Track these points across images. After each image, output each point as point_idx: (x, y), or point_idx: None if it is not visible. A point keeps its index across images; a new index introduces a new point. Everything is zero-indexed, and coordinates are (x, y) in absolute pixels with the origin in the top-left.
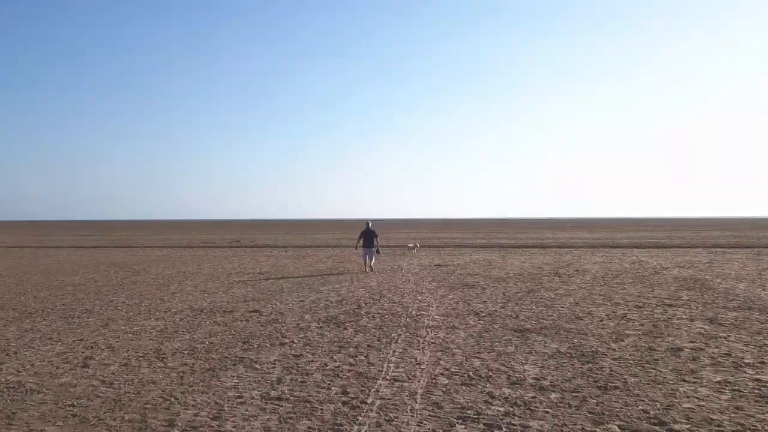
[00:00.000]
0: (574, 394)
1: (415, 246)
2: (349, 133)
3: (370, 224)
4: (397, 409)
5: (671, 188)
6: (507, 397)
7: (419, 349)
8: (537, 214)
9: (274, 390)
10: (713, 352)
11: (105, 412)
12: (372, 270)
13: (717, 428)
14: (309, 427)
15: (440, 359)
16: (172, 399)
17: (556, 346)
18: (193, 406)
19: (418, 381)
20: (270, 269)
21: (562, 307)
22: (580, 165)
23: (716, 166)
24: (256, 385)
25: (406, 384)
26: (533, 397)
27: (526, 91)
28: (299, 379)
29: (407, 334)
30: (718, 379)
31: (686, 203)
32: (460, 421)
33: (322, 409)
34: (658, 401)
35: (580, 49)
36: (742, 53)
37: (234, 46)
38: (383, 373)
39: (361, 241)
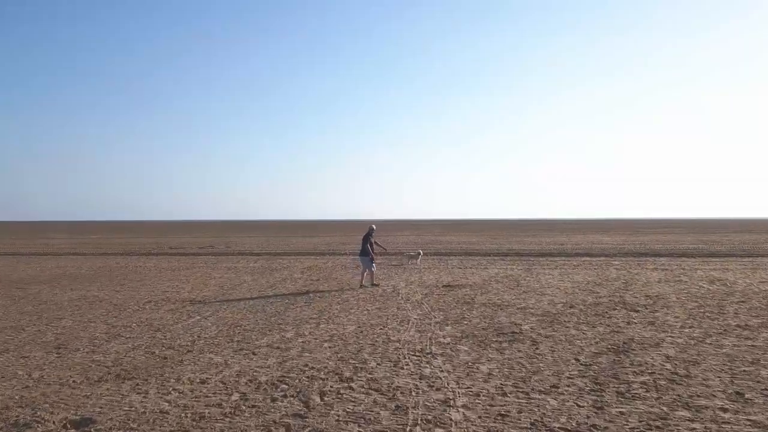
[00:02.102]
0: None
1: (418, 254)
2: (349, 132)
3: (372, 228)
4: None
5: (663, 189)
6: None
7: None
8: (532, 214)
9: None
10: None
11: None
12: (365, 286)
13: None
14: None
15: None
16: None
17: None
18: None
19: None
20: (214, 292)
21: (724, 412)
22: (574, 166)
23: (710, 166)
24: None
25: None
26: None
27: (522, 93)
28: None
29: None
30: None
31: (678, 204)
32: None
33: None
34: None
35: (581, 49)
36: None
37: (233, 46)
38: None
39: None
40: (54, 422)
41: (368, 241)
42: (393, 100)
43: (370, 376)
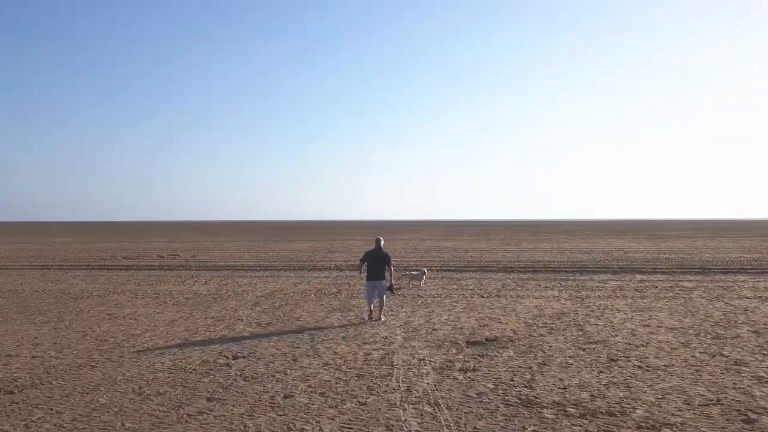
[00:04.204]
0: None
1: (421, 274)
2: (349, 132)
3: (381, 242)
4: None
5: (662, 190)
6: None
7: None
8: (533, 215)
9: None
10: None
11: None
12: (380, 319)
13: None
14: None
15: None
16: None
17: None
18: None
19: None
20: (80, 353)
21: None
22: (574, 166)
23: (709, 167)
24: None
25: None
26: None
27: (522, 93)
28: None
29: None
30: None
31: (678, 205)
32: None
33: None
34: None
35: (581, 49)
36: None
37: (233, 46)
38: None
39: (365, 268)
40: None
41: (388, 261)
42: (393, 100)
43: None
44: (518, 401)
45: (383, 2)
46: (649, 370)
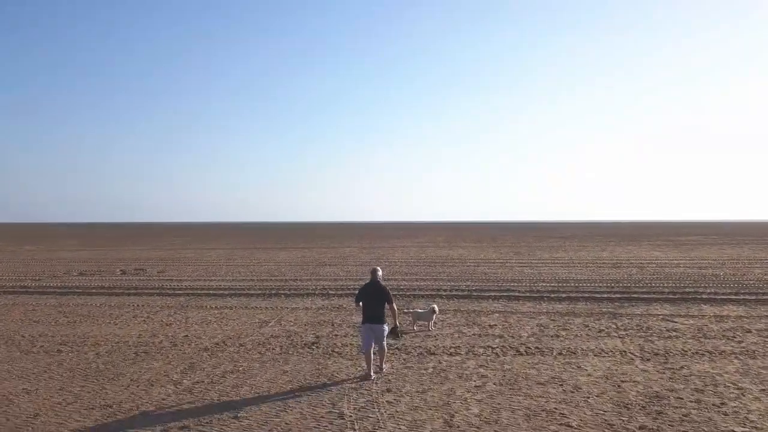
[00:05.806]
0: None
1: (431, 312)
2: (349, 132)
3: (379, 273)
4: None
5: (660, 191)
6: None
7: None
8: (532, 216)
9: None
10: None
11: None
12: (378, 373)
13: None
14: None
15: None
16: None
17: None
18: None
19: None
20: None
21: None
22: (573, 166)
23: (711, 168)
24: None
25: None
26: None
27: (522, 93)
28: None
29: None
30: None
31: (678, 206)
32: None
33: None
34: None
35: (581, 49)
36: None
37: (233, 46)
38: None
39: (361, 307)
40: None
41: (387, 298)
42: (393, 100)
43: None
44: None
45: (383, 2)
46: None
